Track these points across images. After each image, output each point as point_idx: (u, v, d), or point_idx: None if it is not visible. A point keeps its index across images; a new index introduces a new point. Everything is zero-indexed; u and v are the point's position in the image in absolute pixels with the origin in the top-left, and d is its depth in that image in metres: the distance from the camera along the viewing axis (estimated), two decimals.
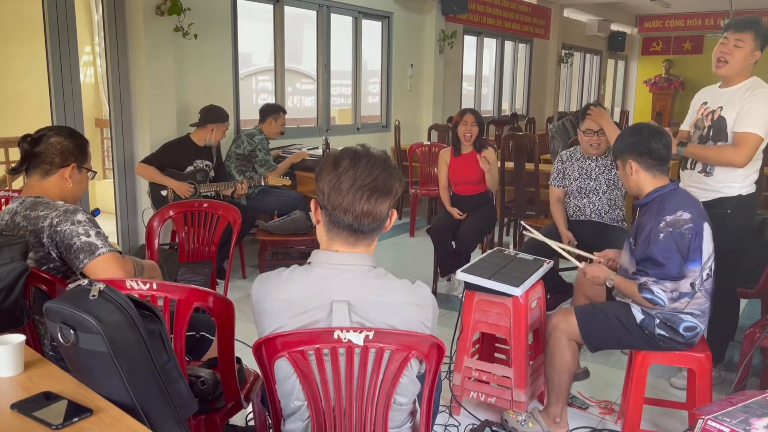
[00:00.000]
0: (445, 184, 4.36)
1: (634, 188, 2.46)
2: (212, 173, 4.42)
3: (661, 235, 2.25)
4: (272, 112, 4.88)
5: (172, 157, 4.29)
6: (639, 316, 2.36)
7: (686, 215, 2.26)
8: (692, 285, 2.29)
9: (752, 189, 2.88)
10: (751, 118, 2.73)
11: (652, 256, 2.26)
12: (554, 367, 2.49)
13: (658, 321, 2.34)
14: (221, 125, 4.38)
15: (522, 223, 3.94)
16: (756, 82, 2.82)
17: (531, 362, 2.69)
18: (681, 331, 2.32)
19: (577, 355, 2.51)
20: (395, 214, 1.55)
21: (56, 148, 2.05)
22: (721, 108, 2.85)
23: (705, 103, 2.97)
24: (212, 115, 4.37)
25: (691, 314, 2.32)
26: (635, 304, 2.38)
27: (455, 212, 4.25)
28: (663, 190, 2.37)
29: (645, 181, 2.40)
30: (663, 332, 2.33)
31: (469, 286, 2.65)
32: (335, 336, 1.42)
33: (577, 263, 2.68)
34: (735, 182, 2.84)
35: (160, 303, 1.81)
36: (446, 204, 4.34)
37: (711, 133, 2.88)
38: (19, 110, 5.87)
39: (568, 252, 2.81)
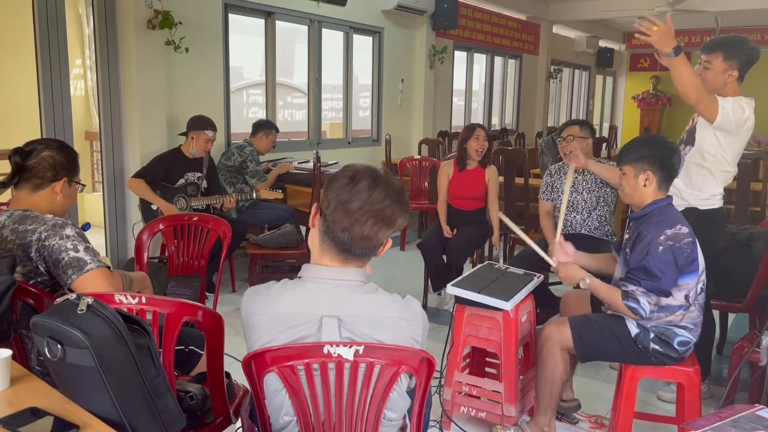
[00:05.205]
0: (444, 198, 4.32)
1: (637, 198, 2.40)
2: (204, 184, 4.41)
3: (661, 248, 2.24)
4: (265, 127, 4.91)
5: (164, 170, 4.27)
6: (634, 329, 2.36)
7: (685, 229, 2.27)
8: (687, 297, 2.29)
9: (707, 205, 2.86)
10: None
11: (648, 267, 2.25)
12: (546, 377, 2.48)
13: (652, 335, 2.33)
14: (200, 133, 4.29)
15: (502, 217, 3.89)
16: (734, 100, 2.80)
17: (521, 377, 2.69)
18: (675, 345, 2.32)
19: (569, 365, 2.51)
20: (390, 243, 1.53)
21: (48, 162, 2.04)
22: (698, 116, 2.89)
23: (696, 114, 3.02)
24: (190, 123, 4.35)
25: (685, 328, 2.33)
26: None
27: (447, 230, 4.22)
28: (661, 203, 2.37)
29: (650, 193, 2.37)
30: (657, 347, 2.33)
31: (459, 300, 2.65)
32: (325, 351, 1.42)
33: (549, 261, 2.63)
34: (679, 193, 2.87)
35: (149, 317, 1.80)
36: (441, 218, 4.30)
37: (685, 137, 2.97)
38: (8, 122, 5.83)
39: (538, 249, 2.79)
